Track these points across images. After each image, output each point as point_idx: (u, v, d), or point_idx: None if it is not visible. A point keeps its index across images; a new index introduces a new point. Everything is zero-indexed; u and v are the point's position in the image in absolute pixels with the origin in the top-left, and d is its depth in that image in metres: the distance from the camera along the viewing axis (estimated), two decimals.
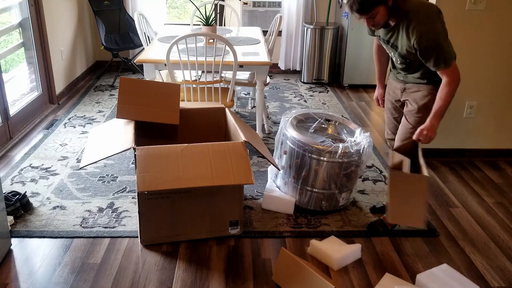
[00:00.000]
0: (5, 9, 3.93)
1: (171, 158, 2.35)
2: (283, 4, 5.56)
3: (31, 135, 3.89)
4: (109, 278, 2.29)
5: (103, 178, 3.20)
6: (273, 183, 2.99)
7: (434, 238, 2.66)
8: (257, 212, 2.85)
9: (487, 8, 3.20)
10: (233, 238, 2.60)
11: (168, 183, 2.29)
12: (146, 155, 2.33)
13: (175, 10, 7.86)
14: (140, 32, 4.03)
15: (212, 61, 3.23)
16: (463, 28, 3.26)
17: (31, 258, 2.41)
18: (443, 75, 2.24)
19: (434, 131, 2.27)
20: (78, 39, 5.24)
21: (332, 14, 5.64)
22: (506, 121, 3.56)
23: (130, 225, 2.68)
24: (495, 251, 2.56)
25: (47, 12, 4.36)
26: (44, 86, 4.40)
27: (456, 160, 3.61)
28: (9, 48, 4.02)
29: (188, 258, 2.44)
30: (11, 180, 3.15)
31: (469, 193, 3.16)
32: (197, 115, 2.94)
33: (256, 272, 2.35)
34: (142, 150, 2.33)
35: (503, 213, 2.92)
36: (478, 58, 3.35)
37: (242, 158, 2.39)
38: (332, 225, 2.73)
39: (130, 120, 2.65)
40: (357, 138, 2.76)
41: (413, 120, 2.45)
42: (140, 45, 5.20)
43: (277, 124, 4.18)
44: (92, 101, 4.71)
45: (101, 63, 5.78)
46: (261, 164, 3.43)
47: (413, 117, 2.46)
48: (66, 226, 2.66)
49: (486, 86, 3.44)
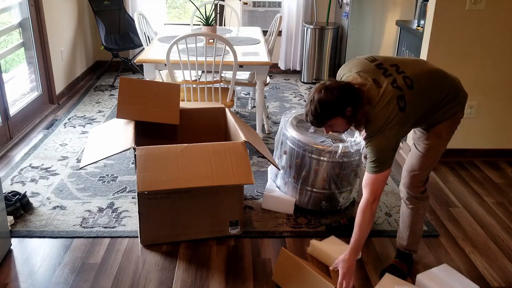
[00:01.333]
0: (5, 9, 3.93)
1: (171, 158, 2.35)
2: (283, 4, 5.56)
3: (31, 135, 3.89)
4: (109, 278, 2.29)
5: (103, 178, 3.20)
6: (273, 183, 2.99)
7: (434, 238, 2.66)
8: (257, 212, 2.85)
9: (487, 8, 3.20)
10: (233, 238, 2.60)
11: (168, 183, 2.29)
12: (146, 155, 2.33)
13: (175, 10, 7.86)
14: (140, 32, 4.03)
15: (212, 61, 3.23)
16: (463, 28, 3.26)
17: (31, 258, 2.41)
18: (368, 184, 2.01)
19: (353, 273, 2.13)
20: (78, 39, 5.24)
21: (332, 14, 5.64)
22: (506, 121, 3.56)
23: (130, 225, 2.68)
24: (495, 251, 2.56)
25: (47, 12, 4.36)
26: (44, 86, 4.40)
27: (456, 160, 3.61)
28: (9, 48, 4.02)
29: (188, 258, 2.44)
30: (11, 180, 3.15)
31: (469, 193, 3.16)
32: (197, 115, 2.94)
33: (256, 272, 2.35)
34: (142, 150, 2.34)
35: (503, 213, 2.92)
36: (478, 58, 3.35)
37: (242, 158, 2.39)
38: None
39: (130, 120, 2.65)
40: (357, 138, 2.76)
41: (423, 148, 2.17)
42: (140, 45, 5.20)
43: (277, 124, 4.18)
44: (92, 101, 4.71)
45: (101, 63, 5.78)
46: (261, 164, 3.43)
47: (422, 144, 2.17)
48: (66, 226, 2.66)
49: (486, 86, 3.44)
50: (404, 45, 3.92)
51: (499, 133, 3.58)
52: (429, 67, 2.09)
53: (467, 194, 3.14)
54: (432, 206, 2.98)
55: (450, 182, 3.30)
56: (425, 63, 2.16)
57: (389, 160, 1.98)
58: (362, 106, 1.93)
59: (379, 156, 1.96)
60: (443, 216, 2.87)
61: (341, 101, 1.93)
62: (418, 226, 2.32)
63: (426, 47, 3.34)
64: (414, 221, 2.30)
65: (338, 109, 1.94)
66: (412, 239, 2.35)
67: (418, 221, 2.31)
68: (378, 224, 2.75)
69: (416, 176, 2.18)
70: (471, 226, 2.79)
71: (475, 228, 2.77)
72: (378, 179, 1.99)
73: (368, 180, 2.01)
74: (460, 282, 2.19)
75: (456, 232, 2.72)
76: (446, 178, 3.35)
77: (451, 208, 2.97)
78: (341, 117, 1.97)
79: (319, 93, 1.96)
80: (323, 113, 1.95)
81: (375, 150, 1.96)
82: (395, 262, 2.37)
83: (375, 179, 1.99)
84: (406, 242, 2.36)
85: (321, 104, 1.94)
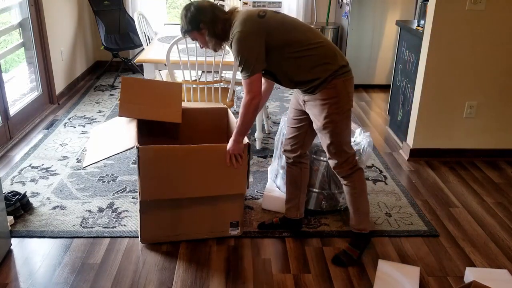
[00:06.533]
0: (5, 9, 3.93)
1: (175, 161, 2.34)
2: (283, 4, 5.56)
3: (31, 135, 3.88)
4: (109, 278, 2.29)
5: (103, 178, 3.20)
6: (273, 183, 2.99)
7: (434, 238, 2.66)
8: (257, 212, 2.85)
9: (487, 8, 3.20)
10: (233, 238, 2.60)
11: (170, 192, 2.34)
12: (149, 158, 2.31)
13: (175, 10, 7.86)
14: (140, 32, 4.03)
15: (212, 61, 3.23)
16: (463, 28, 3.26)
17: (31, 258, 2.41)
18: (244, 89, 2.24)
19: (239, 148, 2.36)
20: (78, 39, 5.24)
21: (332, 14, 5.64)
22: (506, 121, 3.55)
23: (130, 225, 2.68)
24: (495, 251, 2.56)
25: (47, 12, 4.36)
26: (44, 86, 4.40)
27: (456, 160, 3.61)
28: (9, 48, 4.02)
29: (188, 258, 2.44)
30: (11, 180, 3.15)
31: (469, 193, 3.16)
32: (200, 115, 2.93)
33: (256, 272, 2.35)
34: (145, 151, 2.31)
35: (503, 213, 2.92)
36: (478, 58, 3.35)
37: (243, 161, 2.39)
38: (332, 225, 2.73)
39: (132, 119, 2.65)
40: (357, 138, 2.76)
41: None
42: (140, 45, 5.20)
43: (277, 124, 4.18)
44: (92, 101, 4.71)
45: (101, 63, 5.78)
46: (261, 164, 3.43)
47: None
48: (66, 226, 2.66)
49: (486, 86, 3.44)
50: (404, 45, 3.92)
51: (499, 133, 3.58)
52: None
53: (467, 194, 3.14)
54: (432, 206, 2.98)
55: (450, 182, 3.30)
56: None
57: (254, 65, 2.15)
58: (217, 25, 2.21)
59: (243, 62, 2.15)
60: (443, 216, 2.87)
61: (194, 19, 2.24)
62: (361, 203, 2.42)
63: (426, 47, 3.34)
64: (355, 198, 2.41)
65: (192, 26, 2.25)
66: (358, 217, 2.43)
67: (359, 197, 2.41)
68: (378, 224, 2.75)
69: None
70: (471, 226, 2.79)
71: (475, 228, 2.77)
72: (251, 85, 2.20)
73: (244, 84, 2.24)
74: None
75: (456, 232, 2.72)
76: (446, 178, 3.35)
77: (451, 208, 2.97)
78: (197, 32, 2.27)
79: (183, 10, 2.27)
80: (182, 28, 2.30)
81: (237, 55, 2.16)
82: (347, 248, 2.46)
83: (248, 86, 2.21)
84: (354, 221, 2.45)
85: (180, 19, 2.29)
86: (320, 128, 2.26)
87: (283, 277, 2.32)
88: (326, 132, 2.25)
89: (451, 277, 2.35)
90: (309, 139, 2.48)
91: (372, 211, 2.87)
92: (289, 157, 2.53)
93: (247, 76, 2.16)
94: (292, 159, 2.52)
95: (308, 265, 2.41)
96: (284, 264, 2.41)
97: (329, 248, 2.53)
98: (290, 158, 2.52)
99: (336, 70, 2.18)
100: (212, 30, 2.22)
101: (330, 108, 2.20)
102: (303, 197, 2.62)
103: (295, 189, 2.58)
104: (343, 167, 2.33)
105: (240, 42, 2.12)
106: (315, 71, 2.17)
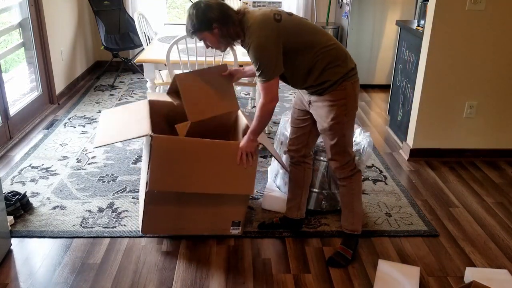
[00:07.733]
0: (5, 9, 3.93)
1: (186, 154, 2.30)
2: (283, 4, 5.56)
3: (31, 135, 3.89)
4: (109, 278, 2.29)
5: (103, 178, 3.20)
6: (273, 183, 2.99)
7: (434, 238, 2.66)
8: (257, 212, 2.85)
9: (487, 8, 3.20)
10: (233, 238, 2.60)
11: (178, 185, 2.31)
12: (162, 148, 2.26)
13: (175, 10, 7.86)
14: (140, 32, 4.03)
15: (212, 61, 3.23)
16: (463, 28, 3.26)
17: (31, 258, 2.41)
18: (261, 92, 2.18)
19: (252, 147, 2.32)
20: (78, 39, 5.24)
21: (332, 14, 5.64)
22: (506, 121, 3.56)
23: (130, 225, 2.68)
24: (495, 251, 2.56)
25: (47, 12, 4.36)
26: (44, 86, 4.40)
27: (456, 160, 3.61)
28: (9, 48, 4.02)
29: (188, 258, 2.44)
30: (11, 180, 3.15)
31: (469, 193, 3.16)
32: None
33: (256, 272, 2.35)
34: (159, 140, 2.26)
35: (503, 213, 2.92)
36: (478, 58, 3.35)
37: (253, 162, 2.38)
38: (332, 225, 2.73)
39: (144, 105, 2.57)
40: (357, 138, 2.76)
41: None
42: (140, 45, 5.20)
43: (277, 124, 4.18)
44: (92, 101, 4.71)
45: (101, 63, 5.78)
46: (261, 164, 3.43)
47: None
48: (66, 226, 2.66)
49: (486, 86, 3.44)
50: (404, 45, 3.92)
51: (499, 133, 3.58)
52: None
53: (467, 194, 3.14)
54: (432, 206, 2.98)
55: (450, 182, 3.30)
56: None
57: (273, 70, 2.12)
58: (229, 26, 2.13)
59: (262, 67, 2.10)
60: (443, 216, 2.87)
61: (206, 19, 2.12)
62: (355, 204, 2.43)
63: (426, 47, 3.34)
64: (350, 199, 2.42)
65: (204, 26, 2.14)
66: (353, 218, 2.43)
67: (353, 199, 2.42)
68: (378, 224, 2.76)
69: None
70: (471, 226, 2.79)
71: (475, 228, 2.77)
72: (269, 89, 2.15)
73: (261, 88, 2.18)
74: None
75: (456, 232, 2.72)
76: (446, 178, 3.35)
77: (451, 208, 2.97)
78: (208, 33, 2.16)
79: (193, 8, 2.15)
80: (191, 27, 2.17)
81: (256, 61, 2.11)
82: (340, 249, 2.46)
83: (266, 90, 2.15)
84: (347, 222, 2.45)
85: (188, 18, 2.16)
86: (326, 129, 2.26)
87: (283, 277, 2.32)
88: (332, 133, 2.25)
89: (451, 277, 2.35)
90: (313, 139, 2.49)
91: (372, 211, 2.88)
92: (293, 157, 2.53)
93: (265, 80, 2.13)
94: (296, 158, 2.52)
95: (308, 265, 2.41)
96: (284, 264, 2.41)
97: (329, 248, 2.53)
98: (294, 157, 2.52)
99: (347, 73, 2.19)
100: (226, 30, 2.15)
101: (338, 110, 2.20)
102: (305, 197, 2.62)
103: (297, 188, 2.58)
104: (345, 168, 2.33)
105: (260, 49, 2.09)
106: (327, 73, 2.18)
